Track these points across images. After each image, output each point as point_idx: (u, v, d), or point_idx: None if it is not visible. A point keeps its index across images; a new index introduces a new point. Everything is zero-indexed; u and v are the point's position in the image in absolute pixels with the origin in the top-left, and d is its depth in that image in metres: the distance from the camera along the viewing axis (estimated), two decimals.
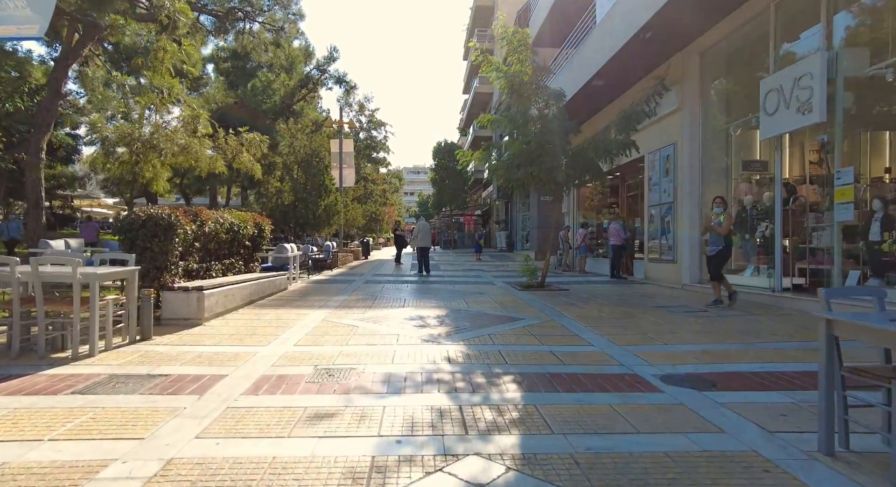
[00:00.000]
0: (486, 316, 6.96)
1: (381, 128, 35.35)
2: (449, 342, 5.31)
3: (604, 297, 9.24)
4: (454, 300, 8.62)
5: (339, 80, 23.02)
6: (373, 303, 8.25)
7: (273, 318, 6.67)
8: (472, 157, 10.67)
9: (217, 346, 5.05)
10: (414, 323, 6.38)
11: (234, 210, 8.49)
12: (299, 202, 16.82)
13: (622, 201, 14.89)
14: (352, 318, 6.73)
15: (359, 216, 23.37)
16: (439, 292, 10.01)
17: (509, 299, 8.82)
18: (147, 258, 5.86)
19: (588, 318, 6.85)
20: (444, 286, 11.12)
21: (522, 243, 27.38)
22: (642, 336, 5.65)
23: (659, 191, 11.36)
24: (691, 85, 10.17)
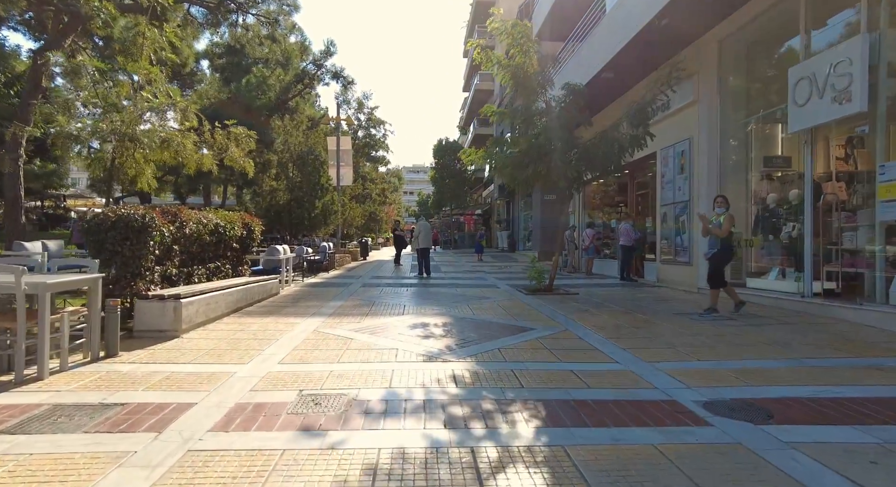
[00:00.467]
0: (493, 325, 6.36)
1: (380, 126, 34.78)
2: (454, 358, 4.71)
3: (617, 302, 8.64)
4: (457, 306, 8.02)
5: (336, 75, 22.39)
6: (370, 310, 7.65)
7: (259, 328, 6.06)
8: (476, 156, 10.07)
9: (192, 364, 4.45)
10: (415, 334, 5.77)
11: (220, 210, 7.89)
12: (294, 202, 16.21)
13: (631, 199, 14.29)
14: (346, 328, 6.13)
15: (357, 216, 22.75)
16: (441, 296, 9.41)
17: (516, 305, 8.22)
18: (118, 264, 5.26)
19: (605, 327, 6.25)
20: (446, 290, 10.52)
21: (524, 243, 26.79)
22: (670, 350, 5.05)
23: (673, 189, 10.76)
24: (709, 76, 9.57)
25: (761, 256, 9.17)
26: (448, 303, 8.42)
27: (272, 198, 16.20)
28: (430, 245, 14.10)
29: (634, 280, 12.42)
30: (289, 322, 6.49)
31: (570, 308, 7.83)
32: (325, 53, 21.35)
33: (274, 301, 8.48)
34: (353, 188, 23.17)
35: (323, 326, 6.26)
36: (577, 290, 10.42)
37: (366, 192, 30.34)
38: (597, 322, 6.59)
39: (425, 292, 10.21)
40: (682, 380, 4.03)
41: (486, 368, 4.37)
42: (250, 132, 8.28)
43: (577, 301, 8.67)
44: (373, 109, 34.60)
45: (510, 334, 5.83)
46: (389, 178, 51.12)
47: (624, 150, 8.75)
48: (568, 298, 9.15)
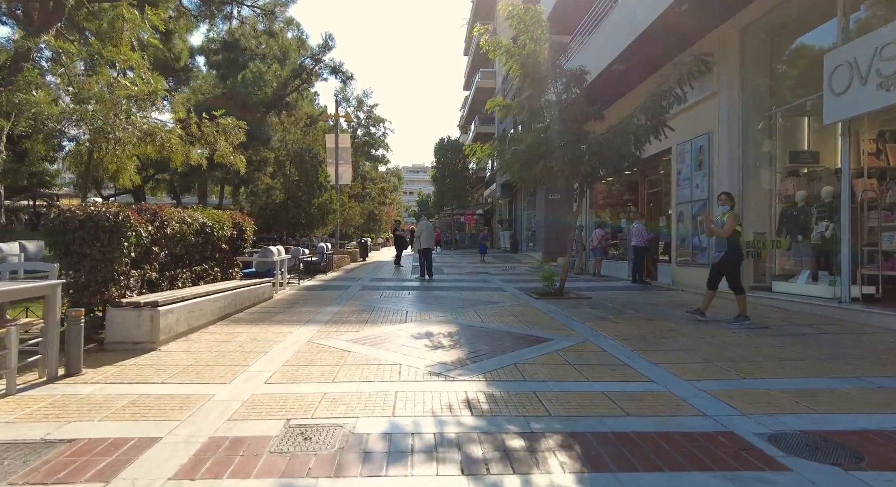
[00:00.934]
0: (506, 335, 5.78)
1: (379, 124, 34.21)
2: (466, 376, 4.13)
3: (635, 307, 8.07)
4: (464, 312, 7.44)
5: (334, 70, 21.74)
6: (370, 316, 7.07)
7: (247, 339, 5.48)
8: (481, 151, 9.48)
9: (165, 383, 3.87)
10: (419, 346, 5.19)
11: (208, 209, 7.31)
12: (291, 201, 15.63)
13: (642, 198, 13.71)
14: (343, 338, 5.55)
15: (356, 215, 22.16)
16: (445, 300, 8.83)
17: (528, 311, 7.64)
18: (86, 268, 4.67)
19: (629, 337, 5.67)
20: (450, 293, 9.94)
21: (527, 243, 26.21)
22: (708, 365, 4.47)
23: (690, 186, 10.18)
24: (730, 66, 8.99)
25: (787, 258, 8.60)
26: (453, 308, 7.84)
27: (268, 197, 15.61)
28: (432, 246, 13.53)
29: (647, 283, 11.84)
30: (281, 331, 5.91)
31: (585, 315, 7.25)
32: (324, 47, 20.72)
33: (266, 307, 7.90)
34: (351, 187, 22.59)
35: (318, 336, 5.68)
36: (589, 293, 9.84)
37: (365, 191, 29.76)
38: (618, 331, 6.01)
39: (428, 295, 9.63)
40: (733, 405, 3.45)
41: (503, 389, 3.79)
42: (239, 123, 7.68)
43: (592, 307, 8.10)
44: (372, 107, 34.06)
45: (525, 345, 5.25)
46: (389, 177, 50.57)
47: (640, 142, 8.17)
48: (581, 303, 8.57)
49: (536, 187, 11.31)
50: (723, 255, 6.49)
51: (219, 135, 7.40)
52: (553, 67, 8.75)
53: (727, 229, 6.35)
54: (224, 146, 7.60)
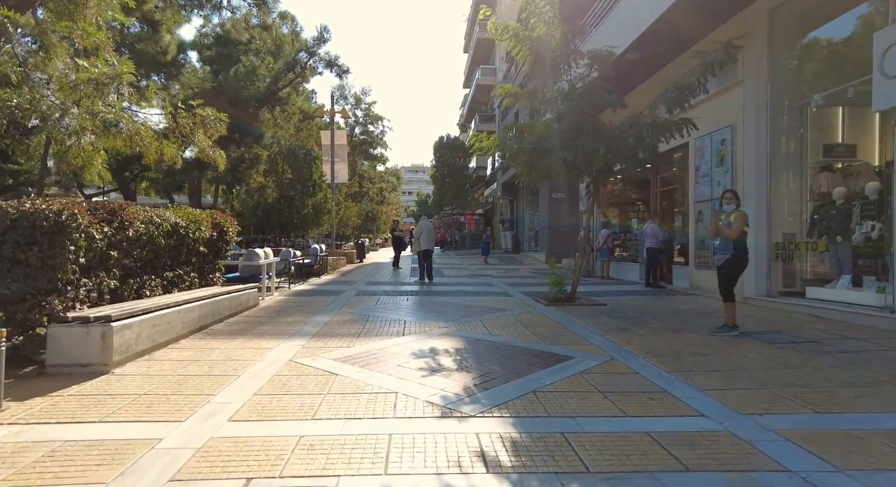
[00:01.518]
0: (518, 352, 5.03)
1: (378, 122, 33.44)
2: (476, 409, 3.38)
3: (657, 315, 7.32)
4: (468, 322, 6.69)
5: (330, 63, 20.91)
6: (363, 328, 6.31)
7: (220, 358, 4.72)
8: (488, 142, 8.73)
9: (103, 423, 3.12)
10: (419, 367, 4.44)
11: (184, 207, 6.56)
12: (284, 200, 14.88)
13: (654, 197, 12.97)
14: (331, 357, 4.80)
15: (353, 215, 21.40)
16: (447, 307, 8.08)
17: (538, 320, 6.90)
18: (18, 277, 3.92)
19: (660, 353, 4.93)
20: (452, 299, 9.19)
21: (530, 244, 25.48)
22: (767, 394, 3.72)
23: (710, 183, 9.44)
24: (757, 52, 8.25)
25: (821, 261, 7.87)
26: (456, 317, 7.09)
27: (260, 196, 14.86)
28: (432, 247, 12.78)
29: (662, 287, 11.10)
30: (260, 347, 5.16)
31: (604, 325, 6.50)
32: (319, 40, 19.90)
33: (249, 316, 7.14)
34: (348, 186, 21.83)
35: (302, 353, 4.93)
36: (602, 299, 9.11)
37: (363, 190, 29.01)
38: (646, 346, 5.26)
39: (428, 302, 8.88)
40: (820, 454, 2.71)
41: (523, 430, 3.04)
42: (220, 115, 6.91)
43: (610, 315, 7.35)
44: (370, 105, 33.29)
45: (543, 365, 4.50)
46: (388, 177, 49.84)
47: (660, 134, 7.43)
48: (596, 310, 7.83)
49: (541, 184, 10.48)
50: (727, 257, 5.80)
51: (196, 127, 6.63)
52: (566, 51, 7.99)
53: (735, 230, 5.67)
54: (202, 140, 6.83)
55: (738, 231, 5.65)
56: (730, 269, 5.80)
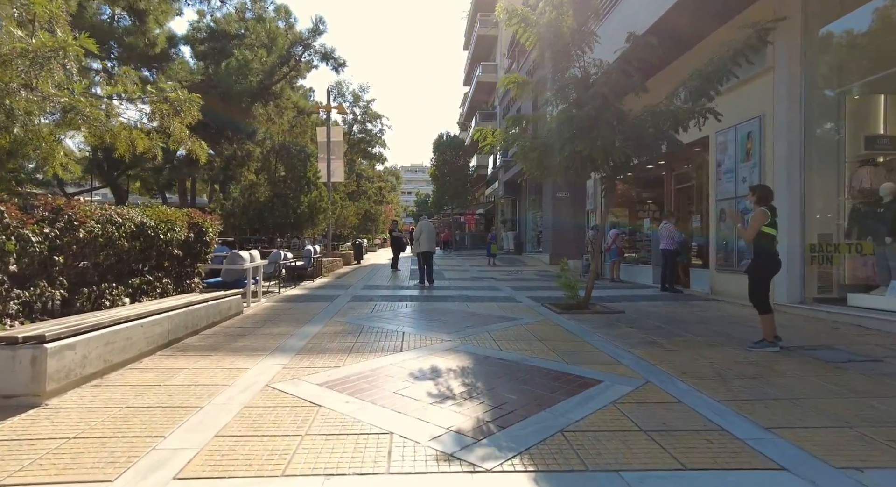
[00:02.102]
0: (536, 374, 4.30)
1: (376, 120, 32.72)
2: (493, 459, 2.65)
3: (683, 325, 6.60)
4: (475, 334, 5.96)
5: (325, 56, 20.13)
6: (356, 341, 5.58)
7: (185, 381, 4.00)
8: (493, 137, 8.00)
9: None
10: (419, 395, 3.71)
11: (156, 206, 5.83)
12: (277, 198, 14.13)
13: (668, 195, 12.24)
14: (315, 380, 4.07)
15: (351, 215, 20.66)
16: (450, 316, 7.36)
17: (553, 331, 6.17)
18: None
19: (702, 375, 4.20)
20: (455, 305, 8.47)
21: (533, 244, 24.76)
22: (853, 434, 2.99)
23: (734, 180, 8.72)
24: (790, 34, 7.53)
25: (861, 264, 7.15)
26: (460, 327, 6.36)
27: (251, 194, 14.12)
28: (433, 248, 12.04)
29: (679, 291, 10.38)
30: (234, 368, 4.43)
31: (627, 337, 5.78)
32: (314, 32, 19.09)
33: (230, 326, 6.41)
34: (346, 185, 21.10)
35: (282, 375, 4.20)
36: (618, 305, 8.39)
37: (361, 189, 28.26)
38: (682, 365, 4.54)
39: (429, 309, 8.15)
40: None
41: None
42: (192, 96, 6.17)
43: (631, 325, 6.63)
44: (369, 102, 32.57)
45: (567, 392, 3.77)
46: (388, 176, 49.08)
47: (680, 125, 6.72)
48: (615, 319, 7.11)
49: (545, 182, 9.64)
50: (749, 262, 5.26)
51: (167, 110, 5.88)
52: (580, 35, 7.27)
53: (750, 231, 5.07)
54: (179, 129, 6.09)
55: (753, 232, 5.01)
56: (753, 275, 5.17)
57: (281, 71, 18.45)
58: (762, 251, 5.05)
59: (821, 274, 7.42)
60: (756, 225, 5.00)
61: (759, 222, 4.99)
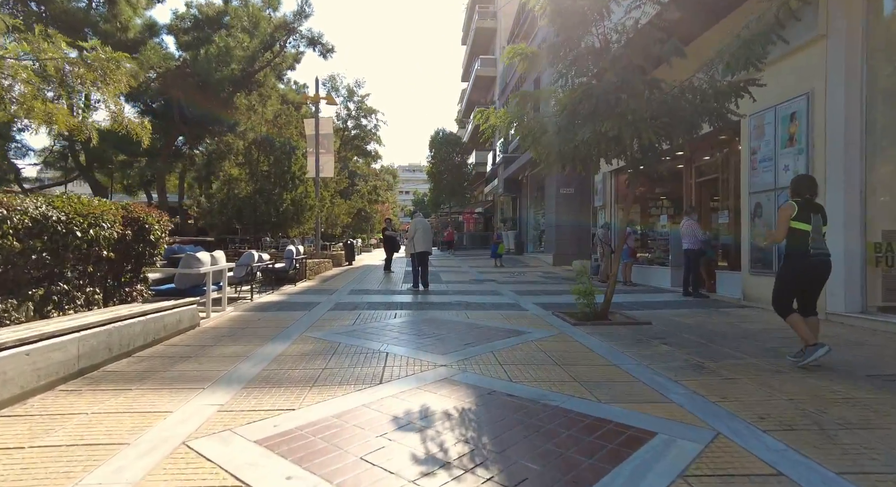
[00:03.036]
0: (562, 420, 3.13)
1: (371, 116, 31.53)
2: None
3: (728, 341, 5.44)
4: (477, 356, 4.80)
5: (312, 41, 18.88)
6: (325, 365, 4.41)
7: (63, 440, 2.82)
8: (496, 118, 6.85)
9: None
10: (400, 462, 2.53)
11: (75, 195, 4.65)
12: (259, 195, 12.96)
13: (687, 189, 11.10)
14: (255, 434, 2.89)
15: (342, 214, 19.48)
16: (446, 329, 6.20)
17: (573, 351, 5.01)
18: None
19: (790, 422, 3.05)
20: (452, 315, 7.31)
21: (535, 244, 23.61)
22: None
23: (773, 169, 7.58)
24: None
25: None
26: (458, 345, 5.20)
27: (229, 189, 12.94)
28: (429, 249, 10.88)
29: (704, 296, 9.24)
30: (150, 412, 3.25)
31: (666, 358, 4.62)
32: (299, 15, 17.85)
33: (176, 344, 5.23)
34: (337, 182, 19.92)
35: (211, 425, 3.03)
36: (641, 314, 7.25)
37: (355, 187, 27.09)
38: (757, 405, 3.38)
39: (422, 319, 6.98)
40: None
41: None
42: (116, 55, 4.96)
43: (664, 340, 5.47)
44: (363, 97, 31.38)
45: (612, 456, 2.61)
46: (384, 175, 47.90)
47: (727, 97, 5.58)
48: (643, 332, 5.95)
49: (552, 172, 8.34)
50: (783, 263, 4.56)
51: (88, 75, 4.69)
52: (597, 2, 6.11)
53: (778, 231, 4.44)
54: (111, 98, 4.90)
55: (782, 230, 4.35)
56: (778, 277, 4.56)
57: (264, 57, 17.20)
58: (791, 250, 4.35)
59: (887, 279, 6.27)
60: (783, 221, 4.31)
61: (785, 217, 4.32)
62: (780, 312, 4.44)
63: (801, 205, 4.28)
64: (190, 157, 20.92)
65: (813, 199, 4.36)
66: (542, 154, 6.47)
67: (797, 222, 4.24)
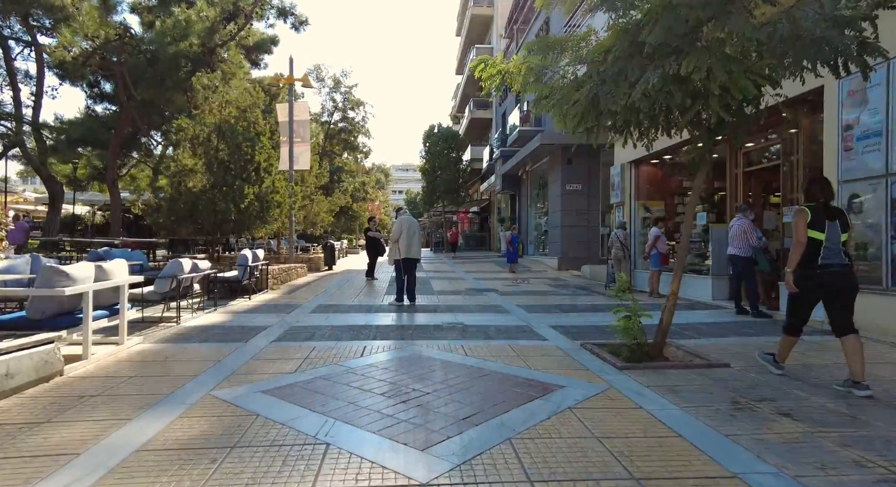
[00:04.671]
0: None
1: (359, 108, 29.42)
2: None
3: (879, 409, 3.43)
4: (483, 448, 2.76)
5: (282, 11, 16.71)
6: (208, 474, 2.34)
7: None
8: (507, 65, 4.81)
9: None
10: None
11: None
12: (217, 189, 10.86)
13: (732, 181, 9.08)
14: None
15: (323, 211, 17.38)
16: (434, 381, 4.15)
17: (646, 437, 2.97)
18: None
19: None
20: (445, 351, 5.26)
21: (536, 246, 21.60)
22: None
23: (884, 148, 5.59)
24: None
25: None
26: (452, 425, 3.16)
27: (180, 183, 10.84)
28: (418, 254, 8.80)
29: (767, 315, 7.26)
30: None
31: (812, 452, 2.59)
32: None
33: None
34: (318, 176, 17.81)
35: None
36: (700, 344, 5.25)
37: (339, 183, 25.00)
38: None
39: (400, 359, 4.92)
40: None
41: None
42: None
43: (776, 403, 3.44)
44: (351, 88, 29.28)
45: None
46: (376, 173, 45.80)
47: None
48: (730, 385, 3.92)
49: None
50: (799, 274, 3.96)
51: None
52: None
53: (795, 241, 3.94)
54: None
55: (800, 239, 3.90)
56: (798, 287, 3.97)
57: (226, 30, 15.01)
58: (804, 261, 3.93)
59: None
60: (801, 228, 3.91)
61: (800, 223, 3.91)
62: (785, 325, 4.22)
63: (814, 211, 3.89)
64: (146, 146, 18.81)
65: (829, 203, 3.96)
66: (571, 117, 4.42)
67: (811, 231, 3.87)
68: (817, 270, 3.81)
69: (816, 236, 3.83)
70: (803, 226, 3.86)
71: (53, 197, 19.75)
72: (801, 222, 3.87)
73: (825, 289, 3.86)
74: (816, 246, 3.83)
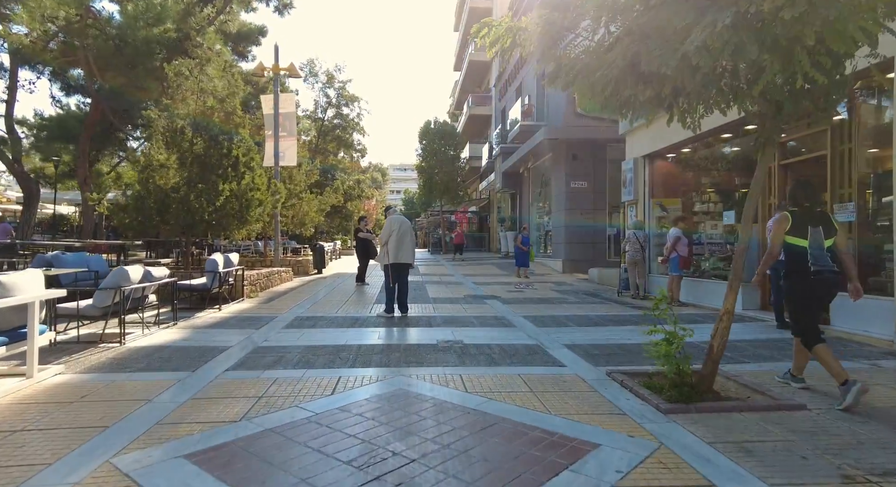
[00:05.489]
0: None
1: (353, 103, 28.37)
2: None
3: None
4: None
5: None
6: None
7: None
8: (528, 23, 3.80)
9: None
10: None
11: None
12: (189, 187, 9.82)
13: (770, 174, 8.04)
14: None
15: (312, 211, 16.34)
16: (424, 440, 3.13)
17: None
18: None
19: None
20: (441, 385, 4.23)
21: (538, 247, 20.58)
22: None
23: None
24: None
25: None
26: None
27: (150, 180, 9.80)
28: (411, 260, 7.76)
29: None
30: None
31: None
32: None
33: None
34: (308, 175, 16.78)
35: None
36: (748, 370, 4.25)
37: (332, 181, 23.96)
38: None
39: (383, 398, 3.90)
40: None
41: None
42: None
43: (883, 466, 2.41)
44: (344, 84, 28.23)
45: None
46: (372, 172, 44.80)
47: None
48: (820, 444, 2.90)
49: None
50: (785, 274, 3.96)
51: None
52: None
53: (771, 249, 3.90)
54: None
55: (775, 245, 3.86)
56: (787, 300, 4.11)
57: (202, 13, 13.92)
58: (790, 270, 3.90)
59: None
60: (777, 235, 3.83)
61: (778, 230, 3.83)
62: (805, 341, 3.82)
63: (796, 217, 3.82)
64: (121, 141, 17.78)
65: (813, 208, 3.90)
66: (602, 89, 3.40)
67: (792, 238, 3.81)
68: (811, 277, 3.74)
69: (799, 243, 3.79)
70: (780, 236, 3.81)
71: (29, 196, 18.70)
72: (778, 232, 3.83)
73: (819, 293, 3.85)
74: (802, 253, 3.78)
